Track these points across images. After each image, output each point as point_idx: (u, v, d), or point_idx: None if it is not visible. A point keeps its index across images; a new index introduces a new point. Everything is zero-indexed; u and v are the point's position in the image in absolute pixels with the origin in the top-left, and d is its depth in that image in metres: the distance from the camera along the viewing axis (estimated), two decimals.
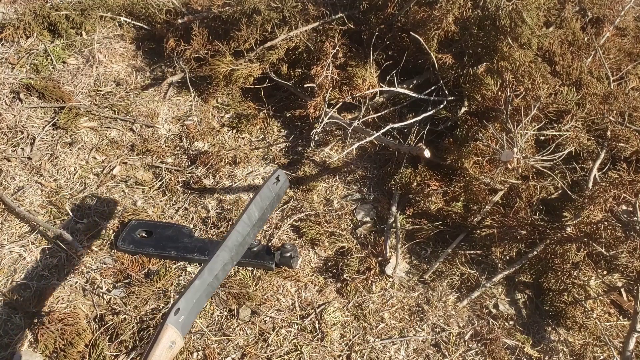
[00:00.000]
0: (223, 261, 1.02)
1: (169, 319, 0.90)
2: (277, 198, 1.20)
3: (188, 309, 0.94)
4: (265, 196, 1.15)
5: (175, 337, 0.90)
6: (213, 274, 1.00)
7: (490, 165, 1.41)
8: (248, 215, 1.10)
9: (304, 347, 1.18)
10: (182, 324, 0.92)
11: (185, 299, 0.94)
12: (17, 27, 1.91)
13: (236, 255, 1.06)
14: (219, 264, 1.01)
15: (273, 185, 1.19)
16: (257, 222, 1.12)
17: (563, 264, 1.25)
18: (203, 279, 0.98)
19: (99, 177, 1.53)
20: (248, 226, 1.09)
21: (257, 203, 1.13)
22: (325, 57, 1.64)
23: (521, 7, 1.42)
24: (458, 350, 1.21)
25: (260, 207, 1.14)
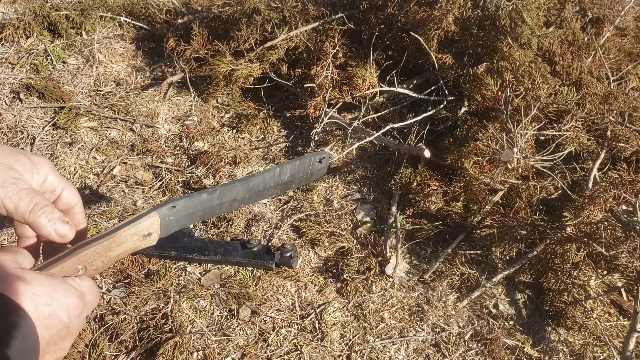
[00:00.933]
0: (236, 194, 0.96)
1: (159, 209, 0.82)
2: (309, 176, 1.12)
3: (180, 215, 0.87)
4: (302, 166, 1.08)
5: (154, 230, 0.82)
6: (221, 199, 0.94)
7: (490, 165, 1.41)
8: (280, 170, 1.03)
9: (304, 347, 1.18)
10: (167, 222, 0.85)
11: (185, 202, 0.87)
12: (17, 27, 1.91)
13: (248, 199, 0.99)
14: (231, 193, 0.95)
15: (314, 162, 1.14)
16: (282, 184, 1.03)
17: (563, 264, 1.25)
18: (211, 197, 0.91)
19: (99, 177, 1.53)
20: (273, 180, 1.02)
21: (293, 166, 1.06)
22: (325, 57, 1.64)
23: (521, 7, 1.42)
24: (458, 350, 1.21)
25: (292, 174, 1.06)
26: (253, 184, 0.99)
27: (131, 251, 0.77)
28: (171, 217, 0.85)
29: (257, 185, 1.00)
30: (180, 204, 0.85)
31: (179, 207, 0.85)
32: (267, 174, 1.03)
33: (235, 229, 1.41)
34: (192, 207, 0.88)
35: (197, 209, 0.90)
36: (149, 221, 0.80)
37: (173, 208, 0.84)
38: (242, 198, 0.97)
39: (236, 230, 1.41)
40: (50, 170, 0.70)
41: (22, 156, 0.67)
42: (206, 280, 1.30)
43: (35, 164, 0.68)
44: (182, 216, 0.87)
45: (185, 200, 0.86)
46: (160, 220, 0.82)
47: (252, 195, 1.00)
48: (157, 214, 0.81)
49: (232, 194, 0.94)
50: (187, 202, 0.87)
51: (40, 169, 0.69)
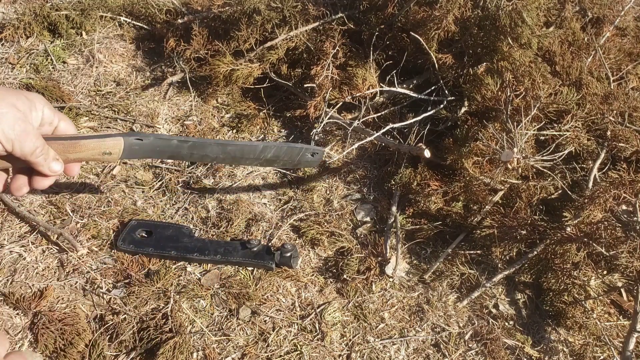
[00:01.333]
0: (209, 152, 0.99)
1: (126, 137, 0.86)
2: (295, 163, 1.14)
3: (147, 148, 0.91)
4: (290, 152, 1.10)
5: (115, 152, 0.86)
6: (192, 150, 0.96)
7: (490, 165, 1.41)
8: (264, 148, 1.05)
9: (304, 347, 1.18)
10: (132, 149, 0.88)
11: (154, 140, 0.91)
12: (17, 27, 1.91)
13: (222, 159, 1.04)
14: (204, 149, 0.98)
15: (304, 153, 1.13)
16: (262, 159, 1.07)
17: (563, 264, 1.25)
18: (182, 145, 0.95)
19: (99, 177, 1.53)
20: (253, 154, 1.05)
21: (279, 149, 1.08)
22: (325, 57, 1.64)
23: (521, 7, 1.42)
24: (458, 350, 1.21)
25: (277, 155, 1.08)
26: (230, 149, 1.02)
27: (88, 160, 0.85)
28: (137, 147, 0.89)
29: (234, 152, 1.03)
30: (148, 139, 0.89)
31: (146, 142, 0.89)
32: (248, 147, 1.06)
33: (235, 229, 1.41)
34: (160, 146, 0.92)
35: (165, 150, 0.94)
36: (112, 142, 0.85)
37: (140, 141, 0.89)
38: (215, 156, 1.01)
39: (236, 230, 1.41)
40: (45, 105, 0.77)
41: (21, 95, 0.73)
42: (206, 280, 1.30)
43: (32, 101, 0.74)
44: (148, 150, 0.91)
45: (153, 139, 0.90)
46: (123, 145, 0.86)
47: (227, 158, 1.04)
48: (122, 139, 0.85)
49: (204, 150, 0.98)
50: (156, 141, 0.91)
51: (37, 105, 0.75)
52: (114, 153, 0.86)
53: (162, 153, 0.94)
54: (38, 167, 0.75)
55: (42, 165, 0.75)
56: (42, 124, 0.77)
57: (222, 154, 1.03)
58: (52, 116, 0.79)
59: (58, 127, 0.80)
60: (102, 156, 0.85)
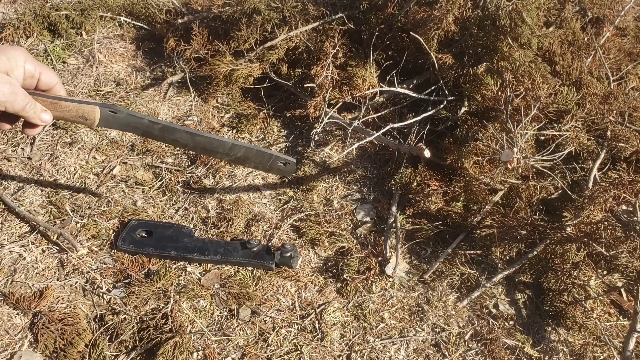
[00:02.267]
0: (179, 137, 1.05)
1: (102, 107, 0.96)
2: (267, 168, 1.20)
3: (121, 121, 0.99)
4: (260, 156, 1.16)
5: (90, 118, 0.95)
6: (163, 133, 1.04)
7: (490, 165, 1.41)
8: (232, 146, 1.11)
9: (304, 347, 1.18)
10: (107, 119, 0.97)
11: (127, 116, 0.99)
12: (17, 27, 1.92)
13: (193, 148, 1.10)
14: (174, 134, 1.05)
15: (274, 160, 1.18)
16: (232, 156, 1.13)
17: (563, 264, 1.25)
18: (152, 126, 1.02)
19: (99, 177, 1.53)
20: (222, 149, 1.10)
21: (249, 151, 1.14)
22: (325, 57, 1.64)
23: (521, 7, 1.42)
24: (458, 350, 1.21)
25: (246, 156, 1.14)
26: (198, 140, 1.09)
27: (68, 120, 0.96)
28: (112, 118, 0.98)
29: (203, 143, 1.10)
30: (121, 113, 0.99)
31: (120, 115, 0.99)
32: (216, 142, 1.12)
33: (235, 229, 1.41)
34: (133, 122, 1.01)
35: (138, 127, 1.02)
36: (89, 109, 0.95)
37: (114, 114, 0.98)
38: (185, 144, 1.08)
39: (236, 230, 1.41)
40: (26, 59, 0.86)
41: (2, 56, 0.83)
42: (206, 280, 1.30)
43: (11, 59, 0.83)
44: (123, 124, 1.00)
45: (126, 115, 1.00)
46: (99, 113, 0.96)
47: (198, 147, 1.11)
48: (98, 108, 0.96)
49: (174, 135, 1.05)
50: (128, 116, 1.00)
51: (18, 62, 0.84)
52: (89, 119, 0.95)
53: (136, 129, 1.02)
54: (30, 119, 0.88)
55: (33, 117, 0.89)
56: (24, 78, 0.87)
57: (192, 143, 1.09)
58: (33, 70, 0.88)
59: (40, 79, 0.90)
60: (79, 119, 0.95)
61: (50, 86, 0.93)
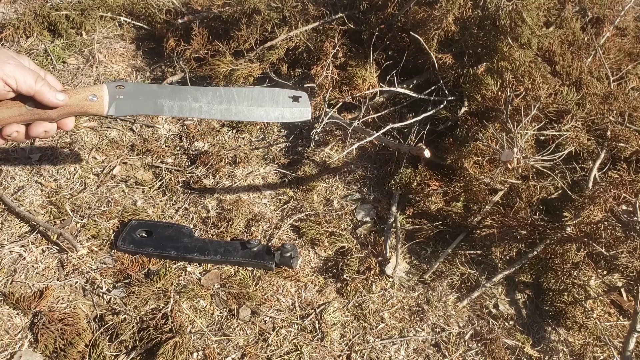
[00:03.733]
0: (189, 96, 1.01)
1: (109, 83, 0.94)
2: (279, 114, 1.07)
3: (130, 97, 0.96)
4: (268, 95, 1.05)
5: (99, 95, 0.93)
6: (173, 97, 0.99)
7: (490, 165, 1.41)
8: (239, 89, 1.05)
9: (304, 347, 1.18)
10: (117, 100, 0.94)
11: (134, 85, 0.97)
12: (17, 27, 1.92)
13: (207, 111, 1.03)
14: (184, 93, 1.00)
15: (284, 98, 1.06)
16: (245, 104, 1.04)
17: (563, 264, 1.25)
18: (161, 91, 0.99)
19: (99, 177, 1.53)
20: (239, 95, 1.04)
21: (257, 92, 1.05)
22: (325, 57, 1.64)
23: (521, 7, 1.42)
24: (458, 350, 1.21)
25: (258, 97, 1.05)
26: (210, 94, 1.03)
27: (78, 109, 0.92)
28: (121, 96, 0.95)
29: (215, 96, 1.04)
30: (128, 85, 0.96)
31: (127, 88, 0.96)
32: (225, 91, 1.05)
33: (235, 229, 1.41)
34: (142, 93, 0.98)
35: (149, 98, 0.98)
36: (95, 87, 0.94)
37: (122, 88, 0.95)
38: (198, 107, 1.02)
39: (236, 230, 1.41)
40: (31, 63, 0.89)
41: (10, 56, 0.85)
42: (206, 280, 1.30)
43: (19, 57, 0.86)
44: (133, 100, 0.97)
45: (133, 84, 0.98)
46: (107, 90, 0.94)
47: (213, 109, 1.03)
48: (105, 85, 0.94)
49: (186, 95, 1.01)
50: (136, 86, 0.98)
51: (24, 62, 0.87)
52: (99, 97, 0.92)
53: (148, 105, 0.98)
54: (44, 95, 0.84)
55: (47, 92, 0.84)
56: None
57: (204, 98, 1.02)
58: (39, 69, 0.89)
59: (47, 78, 0.89)
60: (89, 102, 0.92)
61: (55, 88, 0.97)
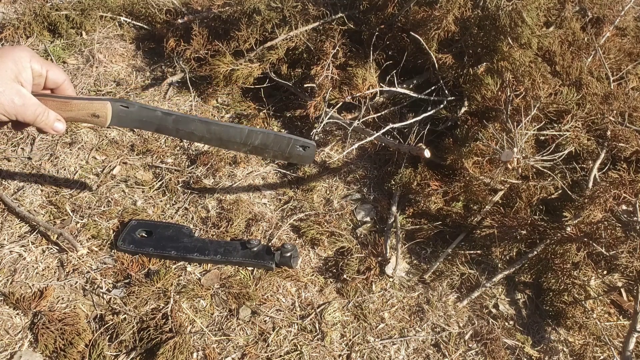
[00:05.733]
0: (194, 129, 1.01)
1: (113, 101, 0.93)
2: (286, 156, 1.12)
3: (133, 116, 0.95)
4: (279, 142, 1.09)
5: (102, 115, 0.92)
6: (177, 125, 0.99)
7: (490, 165, 1.41)
8: (249, 133, 1.05)
9: (304, 347, 1.18)
10: (120, 116, 0.94)
11: (139, 109, 0.95)
12: (17, 27, 1.91)
13: (209, 140, 1.05)
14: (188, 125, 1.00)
15: (293, 145, 1.10)
16: (249, 146, 1.07)
17: (563, 264, 1.25)
18: (165, 118, 0.97)
19: (99, 177, 1.53)
20: (239, 138, 1.04)
21: (266, 137, 1.07)
22: (325, 57, 1.64)
23: (521, 7, 1.42)
24: (458, 350, 1.21)
25: (265, 143, 1.07)
26: (214, 129, 1.03)
27: (79, 120, 0.93)
28: (124, 114, 0.95)
29: (219, 132, 1.03)
30: (134, 107, 0.95)
31: (132, 109, 0.95)
32: (233, 129, 1.05)
33: (235, 229, 1.41)
34: (145, 116, 0.97)
35: (151, 120, 0.98)
36: (99, 105, 0.92)
37: (126, 108, 0.94)
38: (201, 135, 1.02)
39: (236, 230, 1.41)
40: (31, 59, 0.85)
41: (8, 62, 0.82)
42: (206, 280, 1.30)
43: (17, 61, 0.83)
44: (135, 119, 0.96)
45: (139, 108, 0.96)
46: (111, 110, 0.93)
47: (214, 139, 1.04)
48: (110, 103, 0.92)
49: (189, 126, 1.00)
50: (141, 110, 0.96)
51: (24, 63, 0.84)
52: (101, 116, 0.92)
53: (149, 124, 0.98)
54: (42, 129, 0.89)
55: (46, 126, 0.89)
56: (33, 78, 0.86)
57: (208, 134, 1.03)
58: (40, 68, 0.87)
59: (48, 77, 0.89)
60: (91, 118, 0.92)
61: (58, 83, 0.92)
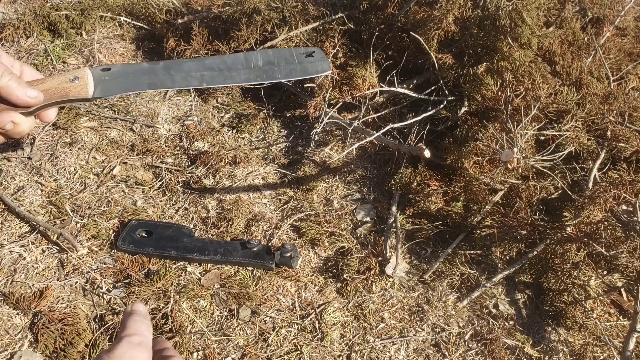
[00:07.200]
0: (188, 69, 0.90)
1: (93, 68, 0.83)
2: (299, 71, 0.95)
3: (118, 77, 0.85)
4: (280, 56, 0.95)
5: (83, 76, 0.81)
6: (169, 71, 0.89)
7: (490, 165, 1.41)
8: (246, 56, 0.93)
9: (304, 347, 1.18)
10: (103, 81, 0.83)
11: (122, 67, 0.85)
12: (17, 27, 1.91)
13: (211, 77, 0.92)
14: (181, 67, 0.89)
15: (299, 55, 0.96)
16: (255, 69, 0.93)
17: (563, 264, 1.25)
18: (154, 67, 0.87)
19: (99, 177, 1.53)
20: (240, 64, 0.92)
21: (265, 54, 0.94)
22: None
23: (521, 7, 1.42)
24: (458, 350, 1.21)
25: (268, 60, 0.94)
26: (209, 63, 0.91)
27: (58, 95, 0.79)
28: (107, 77, 0.84)
29: (217, 64, 0.92)
30: (115, 67, 0.85)
31: (114, 69, 0.84)
32: (230, 58, 0.93)
33: (235, 229, 1.41)
34: (132, 72, 0.86)
35: (140, 75, 0.87)
36: (76, 70, 0.81)
37: (107, 70, 0.84)
38: (200, 75, 0.91)
39: (236, 230, 1.41)
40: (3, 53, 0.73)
41: None
42: (206, 280, 1.30)
43: None
44: (122, 80, 0.85)
45: (121, 66, 0.86)
46: (90, 74, 0.82)
47: (216, 76, 0.92)
48: (87, 68, 0.82)
49: (182, 68, 0.89)
50: (124, 67, 0.86)
51: None
52: (81, 78, 0.81)
53: (139, 82, 0.87)
54: (13, 91, 0.70)
55: (16, 88, 0.70)
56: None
57: (207, 71, 0.91)
58: (12, 60, 0.75)
59: (23, 73, 0.77)
60: (70, 84, 0.80)
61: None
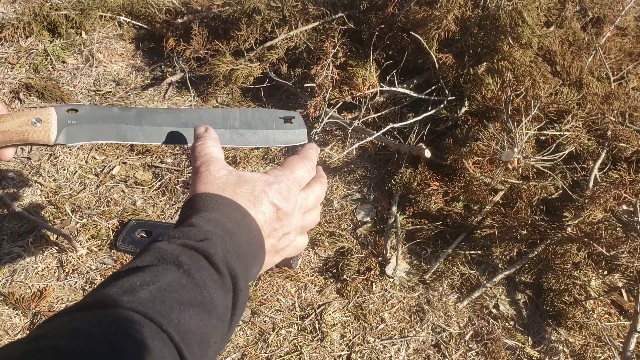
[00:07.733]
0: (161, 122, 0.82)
1: (60, 107, 0.75)
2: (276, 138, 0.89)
3: (86, 122, 0.77)
4: (258, 117, 0.87)
5: (45, 119, 0.74)
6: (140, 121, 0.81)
7: (491, 165, 1.41)
8: (223, 113, 0.85)
9: (304, 348, 1.18)
10: (69, 125, 0.76)
11: (90, 109, 0.77)
12: (16, 27, 1.91)
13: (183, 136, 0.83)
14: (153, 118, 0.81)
15: (277, 119, 0.88)
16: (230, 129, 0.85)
17: (563, 264, 1.25)
18: (125, 114, 0.79)
19: (98, 177, 1.52)
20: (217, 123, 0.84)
21: (244, 114, 0.86)
22: (325, 57, 1.63)
23: (521, 7, 1.42)
24: (458, 350, 1.21)
25: (245, 122, 0.87)
26: (185, 117, 0.84)
27: (16, 137, 0.74)
28: (74, 121, 0.77)
29: (192, 120, 0.84)
30: (83, 109, 0.77)
31: (82, 112, 0.77)
32: (207, 113, 0.84)
33: None
34: (101, 118, 0.79)
35: (109, 123, 0.79)
36: (40, 110, 0.74)
37: (75, 112, 0.76)
38: (172, 131, 0.82)
39: None
40: None
41: None
42: None
43: None
44: (88, 126, 0.78)
45: (90, 107, 0.78)
46: (55, 115, 0.75)
47: (189, 132, 0.82)
48: (53, 108, 0.75)
49: (155, 119, 0.81)
50: (93, 110, 0.78)
51: None
52: (44, 121, 0.74)
53: (107, 131, 0.79)
54: None
55: None
56: None
57: (180, 126, 0.83)
58: None
59: None
60: (31, 127, 0.74)
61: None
